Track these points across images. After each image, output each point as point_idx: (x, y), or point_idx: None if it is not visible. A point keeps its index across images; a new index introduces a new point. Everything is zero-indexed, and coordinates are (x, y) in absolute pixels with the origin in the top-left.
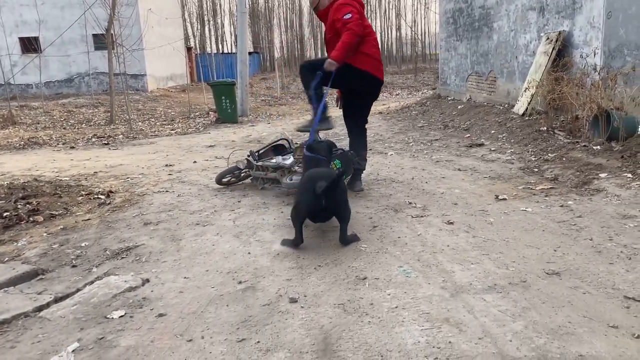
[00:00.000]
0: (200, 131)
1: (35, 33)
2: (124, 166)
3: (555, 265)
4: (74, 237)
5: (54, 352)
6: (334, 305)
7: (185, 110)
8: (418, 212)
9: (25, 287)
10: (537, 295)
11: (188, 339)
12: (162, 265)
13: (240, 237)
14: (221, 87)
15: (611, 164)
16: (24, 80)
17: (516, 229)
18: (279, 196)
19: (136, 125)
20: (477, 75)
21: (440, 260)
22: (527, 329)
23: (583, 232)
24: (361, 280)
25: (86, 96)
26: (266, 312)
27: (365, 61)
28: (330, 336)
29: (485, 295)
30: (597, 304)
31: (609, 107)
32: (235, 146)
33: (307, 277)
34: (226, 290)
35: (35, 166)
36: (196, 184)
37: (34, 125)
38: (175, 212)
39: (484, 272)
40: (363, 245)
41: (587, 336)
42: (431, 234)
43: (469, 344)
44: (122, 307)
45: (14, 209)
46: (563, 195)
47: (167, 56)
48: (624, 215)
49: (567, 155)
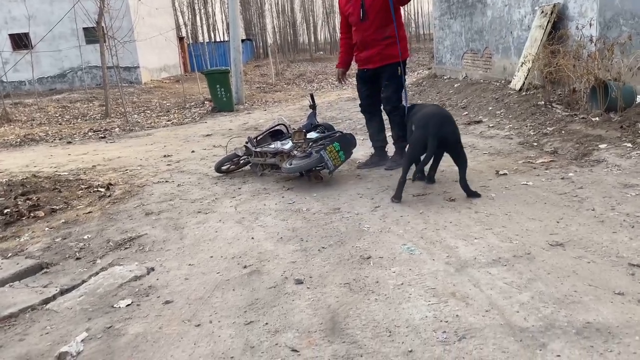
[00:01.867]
0: (197, 121)
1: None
2: (122, 159)
3: (558, 237)
4: (76, 230)
5: (63, 342)
6: (339, 285)
7: (180, 100)
8: (419, 190)
9: (31, 281)
10: (542, 267)
11: (196, 324)
12: (166, 253)
13: (242, 222)
14: (215, 76)
15: (610, 134)
16: (16, 77)
17: (518, 202)
18: (279, 181)
19: (132, 118)
20: (473, 53)
21: (444, 236)
22: (533, 300)
23: (585, 203)
24: (365, 259)
25: (80, 91)
26: (273, 294)
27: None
28: (338, 315)
29: (490, 269)
30: (602, 273)
31: (607, 77)
32: (232, 134)
33: (312, 258)
34: (232, 275)
35: (33, 162)
36: (195, 173)
37: (29, 122)
38: (176, 201)
39: (487, 246)
40: (366, 226)
41: (594, 304)
42: (433, 211)
43: (476, 316)
44: (129, 296)
45: (14, 206)
46: (563, 168)
47: (160, 47)
48: (625, 185)
49: (566, 128)
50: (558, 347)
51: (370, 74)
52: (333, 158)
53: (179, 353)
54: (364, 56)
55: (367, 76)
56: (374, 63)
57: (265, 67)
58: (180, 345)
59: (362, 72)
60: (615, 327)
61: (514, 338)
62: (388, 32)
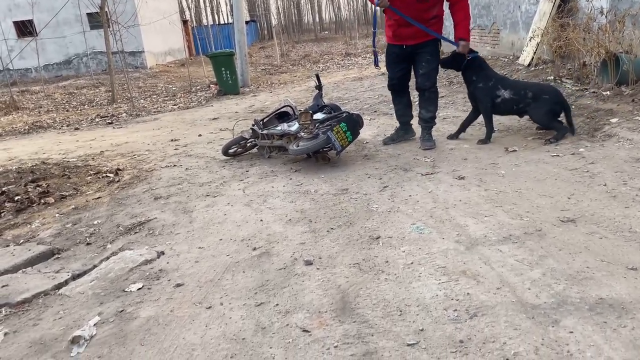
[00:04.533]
0: (203, 104)
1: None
2: (129, 144)
3: (570, 213)
4: (86, 215)
5: (76, 326)
6: (349, 265)
7: (186, 84)
8: (428, 169)
9: (43, 266)
10: (553, 243)
11: (207, 306)
12: (176, 237)
13: (251, 205)
14: (220, 58)
15: (622, 108)
16: (22, 64)
17: (528, 179)
18: (287, 163)
19: (138, 103)
20: (480, 29)
21: (453, 215)
22: (545, 276)
23: (596, 178)
24: (375, 239)
25: (86, 77)
26: (282, 275)
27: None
28: (348, 295)
29: (501, 246)
30: (615, 248)
31: (618, 50)
32: (238, 117)
33: (321, 239)
34: (241, 257)
35: (42, 149)
36: (203, 157)
37: (36, 109)
38: (185, 185)
39: (498, 223)
40: (375, 206)
41: (606, 279)
42: (442, 190)
43: (487, 294)
44: (140, 280)
45: (24, 193)
46: (574, 143)
47: (164, 31)
48: (637, 159)
49: (576, 103)
50: (571, 323)
51: (409, 51)
52: (340, 139)
53: (190, 335)
54: (409, 32)
55: (405, 53)
56: (417, 39)
57: (270, 48)
58: (191, 327)
59: (400, 49)
60: (629, 303)
61: (526, 315)
62: (436, 11)
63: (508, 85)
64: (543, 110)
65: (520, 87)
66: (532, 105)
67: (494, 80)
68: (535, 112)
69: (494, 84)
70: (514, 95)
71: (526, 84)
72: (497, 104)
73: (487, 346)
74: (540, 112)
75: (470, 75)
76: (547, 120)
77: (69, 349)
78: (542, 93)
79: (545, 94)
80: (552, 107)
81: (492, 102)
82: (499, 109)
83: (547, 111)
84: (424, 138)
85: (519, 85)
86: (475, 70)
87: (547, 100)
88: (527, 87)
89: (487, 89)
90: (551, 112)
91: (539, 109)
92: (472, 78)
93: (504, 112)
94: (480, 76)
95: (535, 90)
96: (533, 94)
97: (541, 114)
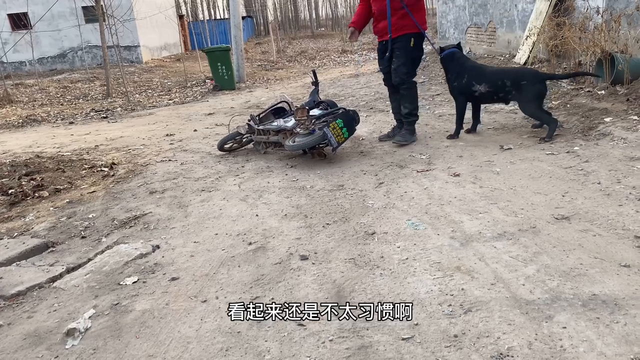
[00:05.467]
0: (198, 100)
1: (24, 8)
2: (124, 138)
3: (564, 210)
4: (81, 209)
5: (71, 319)
6: (344, 260)
7: (181, 79)
8: (423, 166)
9: (37, 259)
10: (547, 240)
11: (202, 300)
12: (171, 231)
13: (247, 200)
14: (216, 54)
15: (616, 107)
16: (16, 58)
17: (523, 177)
18: (282, 159)
19: (133, 97)
20: (477, 27)
21: (448, 211)
22: (539, 273)
23: (591, 176)
24: (370, 235)
25: (81, 71)
26: (278, 270)
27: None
28: (344, 289)
29: (496, 243)
30: (608, 245)
31: (613, 50)
32: (234, 113)
33: (316, 235)
34: (237, 251)
35: (36, 143)
36: (198, 152)
37: (30, 103)
38: (180, 180)
39: (492, 220)
40: (370, 202)
41: (599, 276)
42: (437, 187)
43: (481, 289)
44: (135, 274)
45: (18, 186)
46: (569, 142)
47: (160, 26)
48: (631, 158)
49: (572, 102)
50: (564, 319)
51: (387, 47)
52: (336, 135)
53: (185, 328)
54: (381, 27)
55: (385, 49)
56: (389, 34)
57: (266, 44)
58: (187, 320)
59: (381, 45)
60: (622, 299)
61: (520, 310)
62: (405, 2)
63: (484, 79)
64: (526, 99)
65: (497, 77)
66: (514, 94)
67: (466, 77)
68: (522, 105)
69: (467, 81)
70: (490, 88)
71: (503, 72)
72: (476, 97)
73: (481, 341)
74: (525, 104)
75: (446, 72)
76: (535, 109)
77: (63, 341)
78: (520, 79)
79: (523, 79)
80: (534, 92)
81: (470, 97)
82: (479, 100)
83: (530, 99)
84: (400, 133)
85: (496, 76)
86: (450, 67)
87: (527, 86)
88: (504, 76)
89: (460, 87)
90: (535, 98)
91: (524, 100)
92: (447, 75)
93: (485, 102)
94: (454, 73)
95: (512, 77)
96: (511, 81)
97: (526, 104)
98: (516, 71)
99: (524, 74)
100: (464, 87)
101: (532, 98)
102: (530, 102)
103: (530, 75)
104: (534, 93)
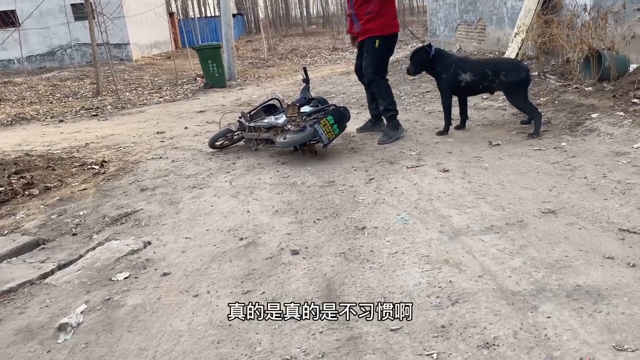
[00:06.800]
0: (189, 97)
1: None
2: (115, 136)
3: (550, 204)
4: (72, 207)
5: (63, 314)
6: (335, 255)
7: (172, 77)
8: (413, 162)
9: (28, 257)
10: (534, 234)
11: (194, 295)
12: (162, 227)
13: (238, 197)
14: (207, 51)
15: (603, 103)
16: (4, 56)
17: (511, 172)
18: (274, 156)
19: (124, 95)
20: (466, 24)
21: (437, 206)
22: (525, 265)
23: (577, 171)
24: (360, 230)
25: (70, 69)
26: (269, 265)
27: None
28: (334, 283)
29: (483, 236)
30: (593, 238)
31: (600, 47)
32: (225, 110)
33: (307, 230)
34: (228, 247)
35: (25, 141)
36: (189, 149)
37: (19, 101)
38: (171, 177)
39: (480, 214)
40: (360, 197)
41: (584, 268)
42: (427, 182)
43: (469, 282)
44: (126, 269)
45: (8, 184)
46: (556, 137)
47: (150, 23)
48: (617, 153)
49: (559, 98)
50: (549, 309)
51: (361, 46)
52: (327, 132)
53: (177, 322)
54: (354, 30)
55: (360, 48)
56: (360, 36)
57: (257, 42)
58: (179, 314)
59: (360, 44)
60: (605, 290)
61: (506, 301)
62: (370, 8)
63: (468, 68)
64: (509, 91)
65: (480, 66)
66: (497, 83)
67: (453, 67)
68: (509, 97)
69: (454, 71)
70: (475, 77)
71: (485, 62)
72: (462, 87)
73: (468, 331)
74: (510, 95)
75: (435, 66)
76: (521, 101)
77: (55, 336)
78: (500, 70)
79: (502, 70)
80: (515, 84)
81: (456, 89)
82: (466, 91)
83: (512, 90)
84: (383, 132)
85: (479, 65)
86: (439, 61)
87: (508, 78)
88: (486, 65)
89: (449, 77)
90: (518, 90)
91: (508, 93)
92: (436, 70)
93: (472, 93)
94: (443, 66)
95: (493, 67)
96: (492, 71)
97: (511, 96)
98: (497, 62)
99: (504, 66)
100: (452, 78)
101: (516, 88)
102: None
103: (510, 66)
104: (515, 85)
